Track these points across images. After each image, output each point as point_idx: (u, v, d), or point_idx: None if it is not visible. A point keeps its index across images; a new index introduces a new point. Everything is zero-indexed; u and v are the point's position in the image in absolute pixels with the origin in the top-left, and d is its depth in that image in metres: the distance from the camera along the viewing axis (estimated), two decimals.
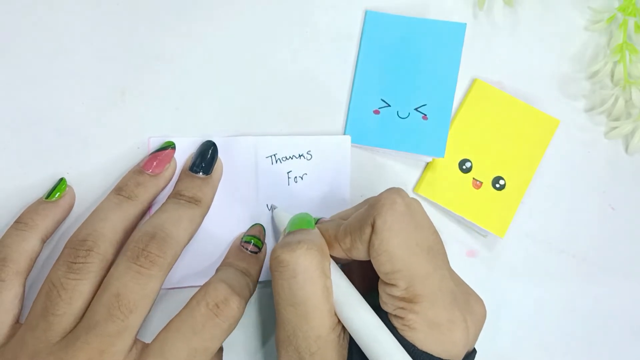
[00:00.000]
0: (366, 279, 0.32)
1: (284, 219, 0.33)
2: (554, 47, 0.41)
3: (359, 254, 0.29)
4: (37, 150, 0.36)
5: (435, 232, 0.30)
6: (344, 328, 0.29)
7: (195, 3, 0.39)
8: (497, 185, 0.38)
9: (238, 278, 0.32)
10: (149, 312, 0.29)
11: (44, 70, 0.37)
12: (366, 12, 0.40)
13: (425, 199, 0.38)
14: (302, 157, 0.37)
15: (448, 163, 0.39)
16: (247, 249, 0.34)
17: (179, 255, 0.31)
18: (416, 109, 0.38)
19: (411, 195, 0.39)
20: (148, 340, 0.29)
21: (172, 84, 0.38)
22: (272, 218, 0.36)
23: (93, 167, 0.36)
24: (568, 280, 0.39)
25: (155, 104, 0.37)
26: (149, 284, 0.29)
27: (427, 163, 0.39)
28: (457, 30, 0.39)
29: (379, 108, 0.38)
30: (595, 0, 0.42)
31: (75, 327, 0.28)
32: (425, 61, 0.39)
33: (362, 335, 0.27)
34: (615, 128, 0.40)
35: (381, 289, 0.29)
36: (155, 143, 0.36)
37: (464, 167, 0.39)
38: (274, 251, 0.29)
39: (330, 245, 0.30)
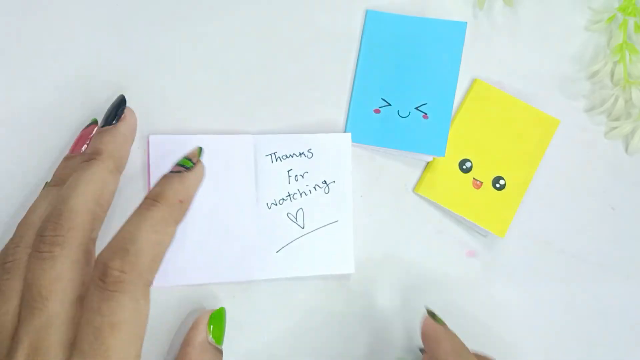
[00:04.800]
0: None
1: None
2: (554, 47, 0.41)
3: None
4: (37, 150, 0.36)
5: None
6: None
7: (195, 3, 0.39)
8: (497, 185, 0.38)
9: None
10: (74, 293, 0.27)
11: (44, 70, 0.37)
12: (367, 12, 0.40)
13: (425, 199, 0.38)
14: (302, 155, 0.37)
15: (448, 163, 0.39)
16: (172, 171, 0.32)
17: (88, 221, 0.29)
18: (417, 108, 0.38)
19: (411, 195, 0.39)
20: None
21: (172, 84, 0.38)
22: None
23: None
24: (568, 280, 0.39)
25: (155, 104, 0.37)
26: (55, 265, 0.27)
27: (427, 163, 0.39)
28: (457, 29, 0.39)
29: (380, 107, 0.38)
30: (595, 0, 0.42)
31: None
32: (426, 60, 0.39)
33: None
34: (615, 128, 0.40)
35: None
36: (155, 141, 0.36)
37: (464, 167, 0.39)
38: None
39: None
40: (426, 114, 0.38)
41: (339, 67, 0.39)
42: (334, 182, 0.37)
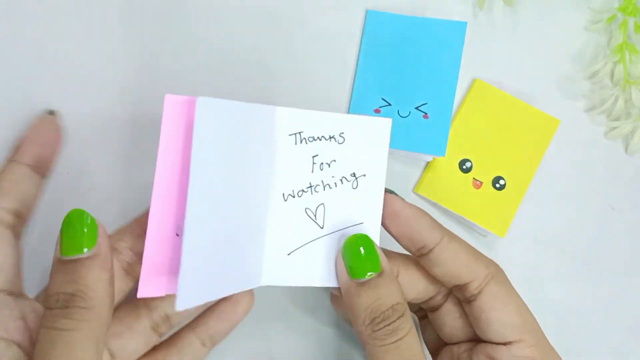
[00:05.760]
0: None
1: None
2: (554, 47, 0.41)
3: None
4: None
5: None
6: None
7: (195, 3, 0.39)
8: (497, 185, 0.38)
9: None
10: None
11: (44, 70, 0.37)
12: (367, 12, 0.40)
13: (425, 199, 0.38)
14: (332, 139, 0.30)
15: (448, 163, 0.39)
16: None
17: None
18: (417, 108, 0.38)
19: (411, 195, 0.39)
20: None
21: (173, 84, 0.38)
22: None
23: (92, 167, 0.36)
24: (568, 280, 0.39)
25: (155, 103, 0.37)
26: None
27: (427, 163, 0.39)
28: (457, 29, 0.39)
29: (380, 107, 0.38)
30: (595, 0, 0.42)
31: None
32: (426, 60, 0.39)
33: None
34: (615, 128, 0.40)
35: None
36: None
37: (464, 167, 0.39)
38: (365, 332, 0.27)
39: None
40: (426, 113, 0.38)
41: (339, 67, 0.39)
42: (364, 175, 0.30)
